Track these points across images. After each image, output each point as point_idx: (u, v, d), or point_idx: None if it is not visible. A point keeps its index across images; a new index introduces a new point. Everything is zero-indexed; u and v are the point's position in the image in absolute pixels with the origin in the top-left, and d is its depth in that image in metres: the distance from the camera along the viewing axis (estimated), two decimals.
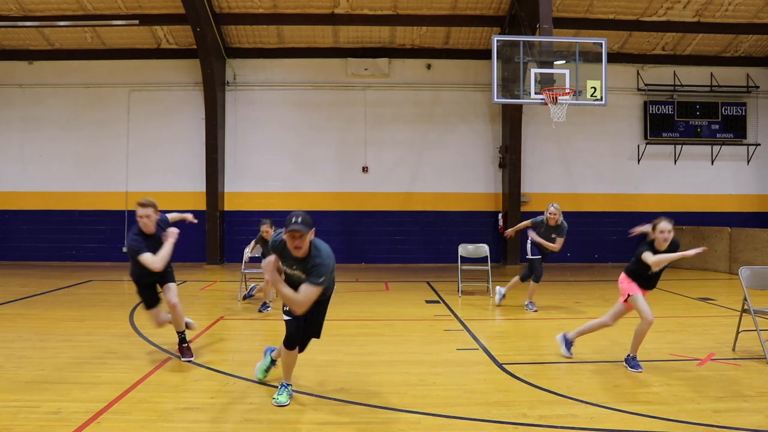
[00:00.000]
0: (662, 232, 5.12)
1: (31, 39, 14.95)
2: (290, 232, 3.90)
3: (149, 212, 5.24)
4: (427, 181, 15.42)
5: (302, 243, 3.94)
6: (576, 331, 5.76)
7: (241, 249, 10.01)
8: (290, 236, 3.93)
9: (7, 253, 15.08)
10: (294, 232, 3.90)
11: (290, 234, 3.91)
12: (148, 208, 5.24)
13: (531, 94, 10.19)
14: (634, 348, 5.37)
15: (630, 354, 5.39)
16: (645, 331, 5.28)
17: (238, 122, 15.40)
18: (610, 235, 15.24)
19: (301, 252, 3.98)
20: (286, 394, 4.40)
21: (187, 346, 5.55)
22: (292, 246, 3.96)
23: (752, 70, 15.73)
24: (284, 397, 4.37)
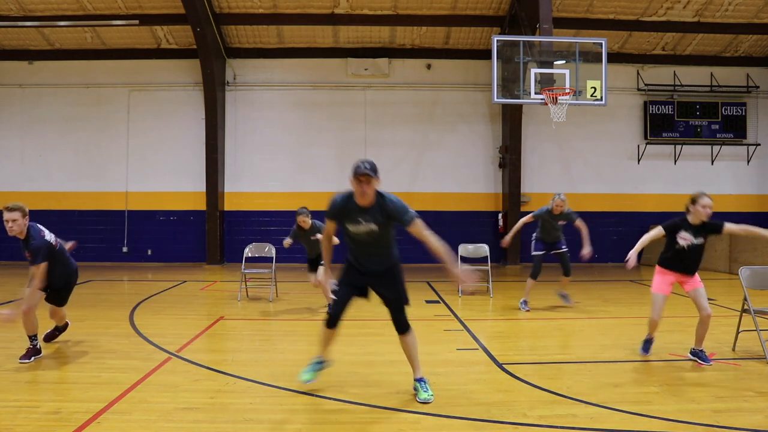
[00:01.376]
0: (704, 207, 5.21)
1: (31, 39, 14.96)
2: (358, 177, 3.98)
3: (15, 216, 5.15)
4: (427, 181, 15.43)
5: (369, 188, 4.01)
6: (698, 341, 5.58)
7: (241, 249, 10.01)
8: (357, 181, 4.00)
9: (7, 253, 15.07)
10: (361, 176, 3.97)
11: (357, 179, 3.99)
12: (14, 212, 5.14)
13: (531, 94, 10.20)
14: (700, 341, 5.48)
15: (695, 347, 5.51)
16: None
17: (238, 122, 15.40)
18: (610, 235, 15.24)
19: (367, 199, 4.03)
20: (312, 372, 4.50)
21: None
22: (359, 192, 4.00)
23: (752, 70, 15.74)
24: (309, 374, 4.48)
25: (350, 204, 4.13)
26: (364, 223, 4.15)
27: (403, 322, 4.42)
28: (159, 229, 15.29)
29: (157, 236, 15.27)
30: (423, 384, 4.44)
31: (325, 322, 4.45)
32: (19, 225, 5.18)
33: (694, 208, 5.27)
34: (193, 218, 15.26)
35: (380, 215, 4.11)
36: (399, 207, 4.12)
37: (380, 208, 4.10)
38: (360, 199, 4.07)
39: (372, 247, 4.26)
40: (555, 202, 8.21)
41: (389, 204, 4.12)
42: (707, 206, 5.22)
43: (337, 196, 4.22)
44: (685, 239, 5.32)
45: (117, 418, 3.98)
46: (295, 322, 7.63)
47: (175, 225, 15.32)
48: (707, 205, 5.22)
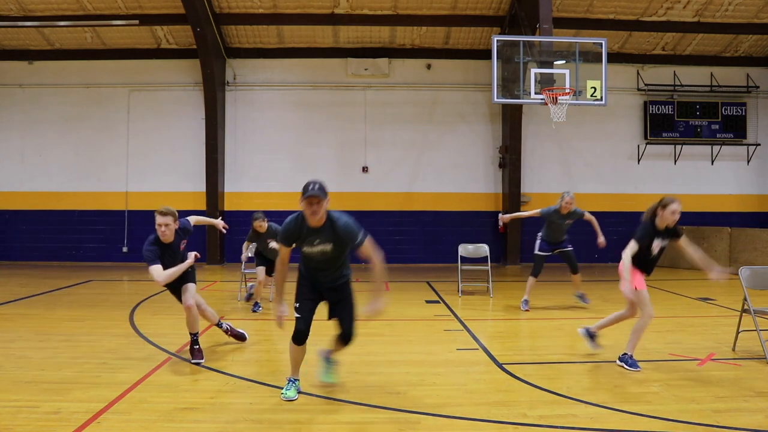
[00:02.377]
0: (673, 213, 5.15)
1: (31, 39, 14.95)
2: (308, 199, 4.01)
3: (168, 221, 5.16)
4: (427, 181, 15.42)
5: (319, 209, 4.03)
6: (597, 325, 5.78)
7: (241, 249, 10.01)
8: (308, 203, 4.03)
9: (7, 253, 15.08)
10: (312, 198, 4.00)
11: (308, 200, 4.02)
12: (167, 216, 5.16)
13: (531, 94, 10.19)
14: (632, 346, 5.31)
15: (627, 352, 5.33)
16: (645, 328, 5.28)
17: (238, 122, 15.40)
18: (610, 235, 15.04)
19: (317, 218, 4.06)
20: (294, 389, 4.48)
21: (198, 348, 5.50)
22: (309, 213, 4.04)
23: (752, 70, 15.73)
24: (292, 392, 4.45)
25: (302, 226, 4.16)
26: (317, 244, 4.20)
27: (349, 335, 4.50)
28: None
29: None
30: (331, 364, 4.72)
31: (294, 339, 4.44)
32: (171, 229, 5.20)
33: (663, 213, 5.19)
34: None
35: (331, 236, 4.16)
36: (349, 231, 4.16)
37: (331, 230, 4.15)
38: (311, 221, 4.10)
39: (326, 265, 4.34)
40: (564, 201, 8.16)
41: (339, 227, 4.15)
42: (676, 212, 5.16)
43: (289, 220, 4.21)
44: (656, 246, 5.31)
45: (117, 418, 3.99)
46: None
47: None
48: (676, 211, 5.16)
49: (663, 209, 5.20)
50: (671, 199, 5.20)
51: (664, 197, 5.27)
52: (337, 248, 4.23)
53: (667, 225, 5.24)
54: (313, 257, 4.29)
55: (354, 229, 4.16)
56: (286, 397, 4.41)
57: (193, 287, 5.55)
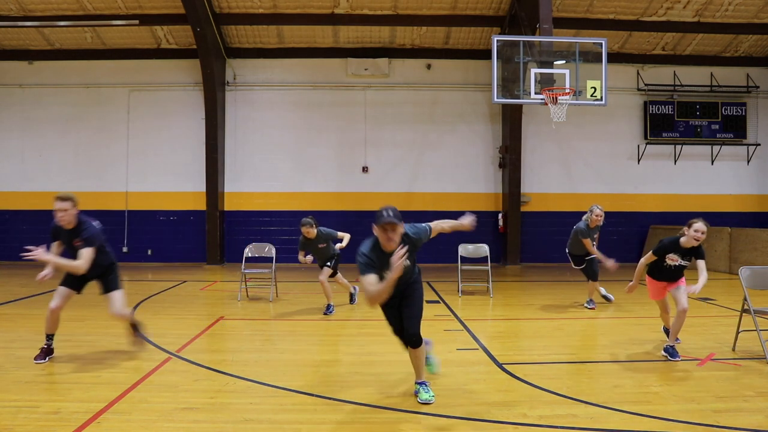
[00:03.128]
0: (697, 231, 5.38)
1: (31, 39, 14.96)
2: (382, 226, 3.97)
3: (66, 206, 5.14)
4: (427, 181, 15.42)
5: (395, 236, 4.00)
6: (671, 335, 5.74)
7: (241, 249, 10.01)
8: (382, 230, 3.99)
9: (7, 253, 15.07)
10: (386, 225, 3.97)
11: (382, 227, 3.98)
12: (66, 201, 5.15)
13: (531, 94, 10.19)
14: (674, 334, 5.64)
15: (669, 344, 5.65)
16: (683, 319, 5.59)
17: (238, 122, 15.40)
18: (610, 235, 15.21)
19: (394, 245, 3.98)
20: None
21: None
22: (386, 240, 3.99)
23: (752, 70, 15.73)
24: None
25: (380, 254, 4.07)
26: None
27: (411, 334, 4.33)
28: (159, 229, 15.29)
29: (157, 236, 15.27)
30: (425, 386, 4.45)
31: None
32: (69, 215, 5.18)
33: (689, 232, 5.43)
34: (193, 218, 15.26)
35: (409, 250, 4.10)
36: (420, 233, 4.28)
37: (407, 245, 4.05)
38: (387, 246, 4.03)
39: (404, 278, 4.23)
40: (595, 213, 8.23)
41: (413, 237, 4.21)
42: (699, 231, 5.38)
43: (365, 251, 4.09)
44: (673, 260, 5.57)
45: (117, 418, 3.99)
46: (295, 322, 7.63)
47: (175, 225, 15.32)
48: (699, 230, 5.38)
49: (688, 228, 5.45)
50: (697, 219, 5.45)
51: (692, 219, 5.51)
52: (413, 256, 4.26)
53: (697, 244, 5.45)
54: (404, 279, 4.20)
55: (421, 229, 4.29)
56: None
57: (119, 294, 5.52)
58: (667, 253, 5.57)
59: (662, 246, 5.57)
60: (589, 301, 8.62)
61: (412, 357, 4.46)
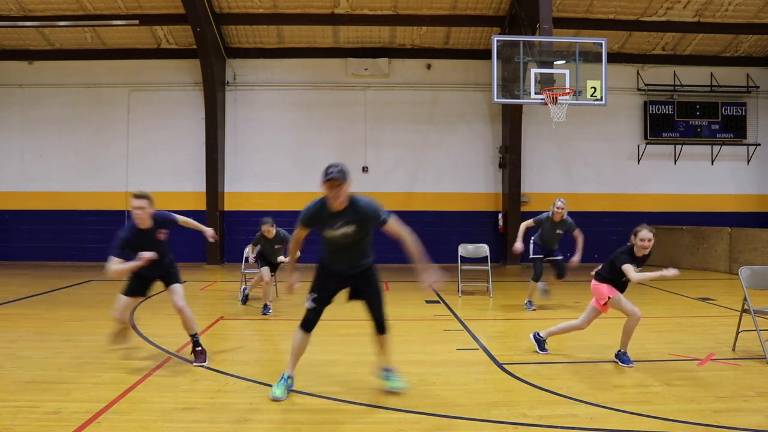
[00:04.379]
0: (642, 240, 5.16)
1: (31, 39, 14.95)
2: (329, 181, 4.01)
3: (143, 204, 5.12)
4: (427, 181, 15.42)
5: (340, 192, 4.04)
6: (548, 331, 5.90)
7: (242, 249, 10.02)
8: (329, 186, 4.03)
9: (7, 253, 15.08)
10: (333, 181, 4.01)
11: (329, 183, 4.02)
12: (142, 200, 5.13)
13: (531, 94, 10.19)
14: (624, 344, 5.47)
15: (620, 350, 5.48)
16: (634, 327, 5.41)
17: (238, 122, 15.40)
18: (610, 235, 15.21)
19: (339, 201, 4.06)
20: (284, 387, 4.43)
21: (201, 350, 5.43)
22: (332, 196, 4.04)
23: (752, 70, 15.73)
24: (281, 390, 4.39)
25: (324, 210, 4.17)
26: (339, 227, 4.19)
27: (382, 322, 4.50)
28: None
29: None
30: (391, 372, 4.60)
31: (302, 325, 4.46)
32: (147, 213, 5.15)
33: (635, 241, 5.20)
34: (193, 218, 15.22)
35: (354, 217, 4.15)
36: (372, 209, 4.18)
37: (354, 212, 4.15)
38: (333, 204, 4.09)
39: (348, 249, 4.31)
40: (556, 206, 8.16)
41: (362, 207, 4.17)
42: (645, 240, 5.13)
43: (311, 204, 4.24)
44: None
45: (117, 418, 3.98)
46: (295, 322, 7.57)
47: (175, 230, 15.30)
48: (645, 239, 5.13)
49: (634, 237, 5.21)
50: (641, 226, 5.20)
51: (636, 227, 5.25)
52: (360, 230, 4.20)
53: (646, 252, 5.23)
54: (336, 241, 4.25)
55: (376, 207, 4.19)
56: (274, 395, 4.34)
57: (180, 288, 5.45)
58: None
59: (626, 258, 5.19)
60: (528, 302, 8.57)
61: (382, 342, 4.56)
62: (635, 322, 5.34)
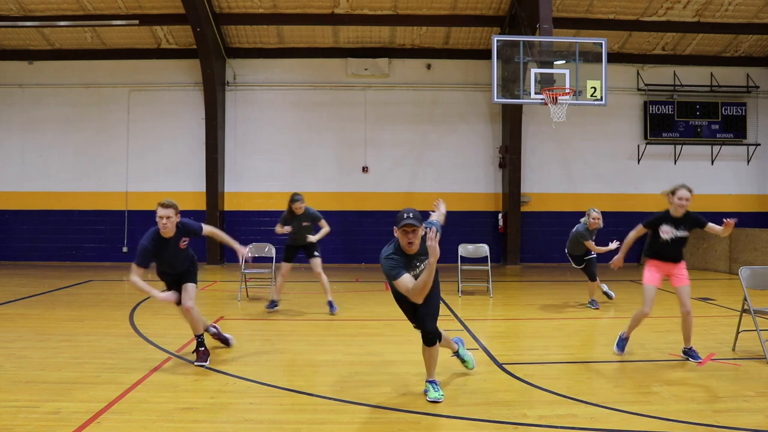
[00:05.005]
0: (681, 199, 5.33)
1: (31, 39, 14.95)
2: (403, 228, 4.00)
3: (170, 213, 5.13)
4: (427, 181, 15.41)
5: (416, 238, 4.05)
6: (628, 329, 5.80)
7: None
8: (403, 232, 4.03)
9: (7, 253, 15.08)
10: (407, 227, 4.00)
11: (403, 230, 4.02)
12: (169, 209, 5.14)
13: (531, 94, 10.19)
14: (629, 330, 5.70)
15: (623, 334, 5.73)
16: (639, 320, 5.56)
17: (238, 122, 15.40)
18: (610, 235, 15.12)
19: (415, 248, 4.07)
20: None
21: (204, 350, 5.43)
22: (406, 242, 4.03)
23: (752, 70, 15.73)
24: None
25: (402, 256, 4.12)
26: (419, 265, 4.23)
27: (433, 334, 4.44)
28: None
29: None
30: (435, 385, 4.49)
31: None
32: (173, 222, 5.19)
33: (672, 200, 5.39)
34: (193, 218, 15.13)
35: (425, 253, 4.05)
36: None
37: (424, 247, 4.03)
38: (407, 249, 4.08)
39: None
40: (592, 216, 8.37)
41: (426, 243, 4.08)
42: (683, 198, 5.31)
43: (389, 253, 4.12)
44: (666, 233, 5.44)
45: (117, 418, 3.98)
46: (295, 322, 7.63)
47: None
48: (683, 197, 5.31)
49: (672, 196, 5.39)
50: (680, 186, 5.38)
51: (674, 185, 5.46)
52: None
53: (683, 213, 5.35)
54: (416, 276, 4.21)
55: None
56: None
57: (193, 288, 5.50)
58: (659, 225, 5.43)
59: (654, 217, 5.45)
60: (592, 302, 8.62)
61: (425, 354, 4.50)
62: (641, 314, 5.50)
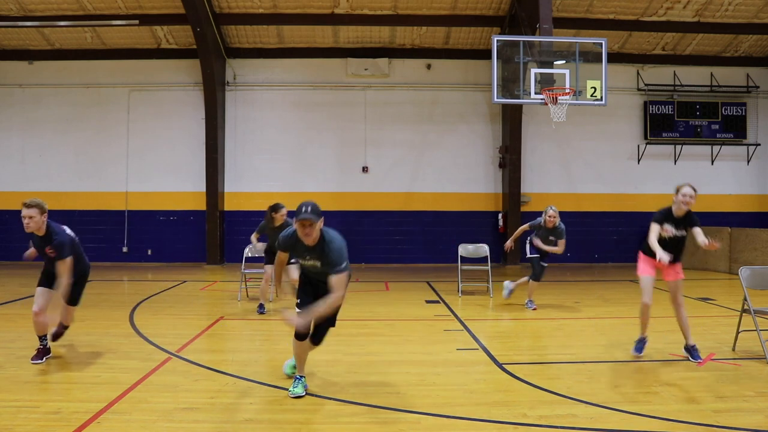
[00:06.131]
0: (684, 196, 5.32)
1: (31, 39, 14.95)
2: (300, 221, 4.12)
3: (32, 213, 5.16)
4: (427, 181, 15.42)
5: (312, 231, 4.15)
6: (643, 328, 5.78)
7: (242, 249, 10.02)
8: (300, 224, 4.15)
9: (7, 253, 15.07)
10: (304, 221, 4.11)
11: (300, 222, 4.13)
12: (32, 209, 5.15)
13: (531, 94, 10.19)
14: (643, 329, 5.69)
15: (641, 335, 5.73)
16: (645, 312, 5.57)
17: (238, 122, 15.40)
18: (610, 235, 15.25)
19: (311, 240, 4.19)
20: (301, 385, 4.53)
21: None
22: (303, 234, 4.17)
23: (752, 70, 15.73)
24: (299, 388, 4.51)
25: (298, 242, 4.29)
26: (308, 259, 4.39)
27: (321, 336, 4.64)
28: (159, 229, 15.29)
29: (157, 236, 15.27)
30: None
31: (296, 335, 4.49)
32: (36, 222, 5.16)
33: (676, 197, 5.40)
34: (193, 218, 15.26)
35: (322, 255, 4.27)
36: (335, 257, 4.19)
37: (322, 249, 4.25)
38: (305, 241, 4.21)
39: (319, 274, 4.43)
40: (548, 214, 8.17)
41: (328, 250, 4.21)
42: (687, 195, 5.30)
43: (288, 232, 4.42)
44: (667, 231, 5.42)
45: (117, 418, 3.98)
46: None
47: (175, 225, 15.31)
48: (687, 194, 5.30)
49: (676, 194, 5.40)
50: (685, 184, 5.38)
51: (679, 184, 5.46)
52: (325, 266, 4.30)
53: (684, 212, 5.35)
54: (306, 266, 4.50)
55: (340, 257, 4.20)
56: (294, 393, 4.46)
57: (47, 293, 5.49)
58: (663, 223, 5.43)
59: (661, 214, 5.45)
60: (529, 302, 8.58)
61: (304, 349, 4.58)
62: (642, 306, 5.52)
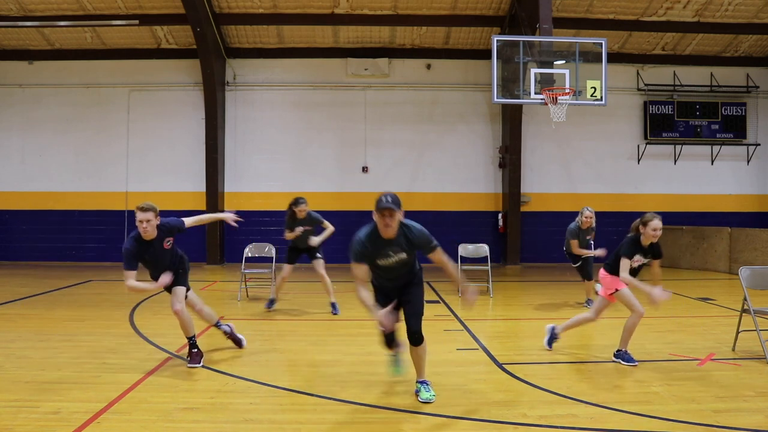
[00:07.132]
0: (655, 230, 5.22)
1: (31, 39, 14.95)
2: (381, 211, 4.01)
3: (149, 216, 5.09)
4: (427, 181, 15.42)
5: (392, 221, 4.04)
6: (563, 326, 5.94)
7: (241, 249, 10.01)
8: (380, 215, 4.02)
9: (7, 253, 15.08)
10: (384, 211, 4.00)
11: (381, 213, 4.01)
12: (148, 212, 5.11)
13: (531, 94, 10.19)
14: (625, 342, 5.47)
15: (621, 348, 5.49)
16: (635, 325, 5.41)
17: (238, 122, 15.40)
18: (610, 235, 15.17)
19: (392, 231, 4.06)
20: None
21: (196, 352, 5.39)
22: (383, 225, 4.04)
23: (752, 70, 15.73)
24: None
25: (377, 240, 4.13)
26: (393, 255, 4.20)
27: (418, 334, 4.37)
28: None
29: None
30: (426, 385, 4.46)
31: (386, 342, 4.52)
32: (152, 226, 5.07)
33: (645, 230, 5.25)
34: None
35: (405, 244, 4.18)
36: (424, 237, 4.22)
37: (405, 238, 4.17)
38: (385, 233, 4.08)
39: (401, 272, 4.34)
40: (585, 215, 8.26)
41: (414, 234, 4.19)
42: (657, 229, 5.20)
43: (361, 235, 4.15)
44: (637, 261, 5.38)
45: (117, 418, 3.99)
46: (295, 322, 7.63)
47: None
48: (657, 228, 5.20)
49: (644, 227, 5.26)
50: (653, 216, 5.25)
51: (645, 214, 5.32)
52: (411, 254, 4.25)
53: (650, 242, 5.30)
54: (389, 267, 4.26)
55: (428, 236, 4.23)
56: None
57: (182, 291, 5.38)
58: (635, 255, 5.33)
59: (631, 248, 5.29)
60: (588, 301, 8.62)
61: (413, 355, 4.48)
62: (637, 319, 5.36)
